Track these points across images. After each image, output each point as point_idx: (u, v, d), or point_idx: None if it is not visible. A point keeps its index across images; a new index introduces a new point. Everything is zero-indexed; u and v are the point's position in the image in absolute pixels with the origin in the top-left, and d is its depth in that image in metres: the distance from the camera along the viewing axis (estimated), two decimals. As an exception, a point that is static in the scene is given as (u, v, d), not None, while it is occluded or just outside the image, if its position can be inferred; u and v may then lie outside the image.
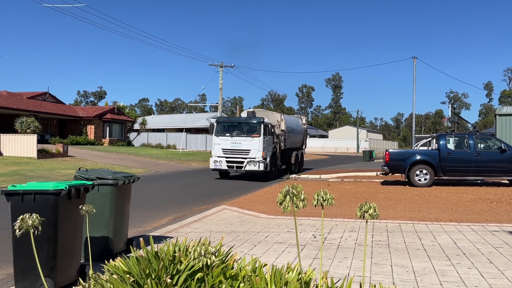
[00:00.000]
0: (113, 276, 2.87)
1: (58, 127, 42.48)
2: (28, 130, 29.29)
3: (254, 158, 18.57)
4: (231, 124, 19.84)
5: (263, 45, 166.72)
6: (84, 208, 3.67)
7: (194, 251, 2.12)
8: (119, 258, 3.11)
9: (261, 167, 18.60)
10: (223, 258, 3.13)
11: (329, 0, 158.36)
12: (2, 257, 6.06)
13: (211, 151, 19.81)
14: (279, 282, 2.49)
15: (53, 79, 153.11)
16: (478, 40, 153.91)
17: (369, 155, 38.21)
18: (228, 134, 19.17)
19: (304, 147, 26.61)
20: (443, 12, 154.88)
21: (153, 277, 2.67)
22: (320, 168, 27.77)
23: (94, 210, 3.68)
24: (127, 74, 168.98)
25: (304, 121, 26.94)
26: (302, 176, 20.58)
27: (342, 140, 79.96)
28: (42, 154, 26.70)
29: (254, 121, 18.98)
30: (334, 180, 18.84)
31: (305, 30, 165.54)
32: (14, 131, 29.53)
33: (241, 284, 2.67)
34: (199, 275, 2.80)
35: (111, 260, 3.39)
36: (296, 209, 2.05)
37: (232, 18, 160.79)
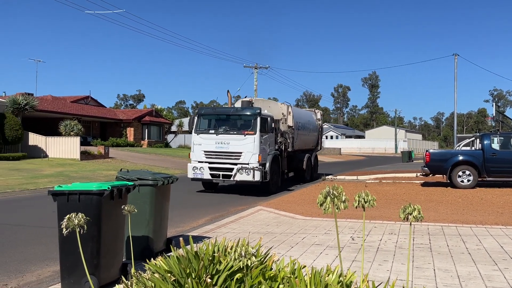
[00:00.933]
0: (154, 275, 2.93)
1: (99, 129, 43.97)
2: (71, 133, 30.48)
3: (247, 164, 13.43)
4: (216, 118, 14.65)
5: (297, 45, 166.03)
6: (126, 208, 3.77)
7: (234, 251, 2.13)
8: (160, 257, 3.17)
9: (257, 177, 13.36)
10: (262, 259, 3.12)
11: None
12: (49, 254, 6.33)
13: (189, 154, 14.63)
14: (319, 284, 2.46)
15: (94, 84, 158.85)
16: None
17: (408, 156, 37.21)
18: (213, 131, 13.97)
19: (319, 148, 21.81)
20: (485, 8, 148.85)
21: (193, 276, 2.70)
22: (357, 169, 27.30)
23: (136, 210, 3.78)
24: (165, 77, 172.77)
25: (319, 116, 21.62)
26: (338, 177, 20.28)
27: (380, 141, 78.31)
28: (85, 155, 27.71)
29: (248, 113, 13.92)
30: (372, 181, 18.47)
31: (340, 29, 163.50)
32: (58, 133, 30.81)
33: (280, 286, 2.66)
34: (238, 275, 2.81)
35: (152, 259, 3.46)
36: (337, 210, 2.01)
37: (267, 19, 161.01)
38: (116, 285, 4.49)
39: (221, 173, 13.77)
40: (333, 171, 23.86)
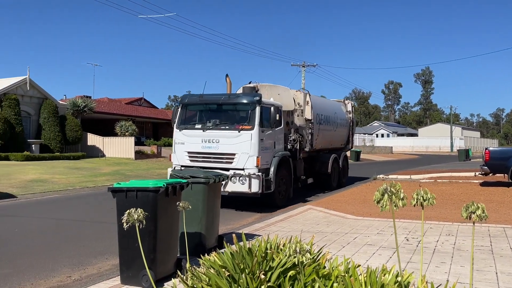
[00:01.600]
0: (209, 270, 3.00)
1: (152, 129, 45.55)
2: (126, 133, 31.78)
3: (242, 169, 10.15)
4: (204, 108, 11.28)
5: (346, 42, 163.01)
6: (181, 204, 3.88)
7: (288, 248, 2.13)
8: (214, 253, 3.24)
9: (254, 187, 9.96)
10: (315, 257, 3.11)
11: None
12: (109, 248, 6.64)
13: (170, 155, 11.65)
14: (375, 284, 2.41)
15: (146, 86, 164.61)
16: None
17: (465, 154, 35.47)
18: (199, 126, 10.77)
19: (349, 147, 18.05)
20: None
21: (247, 272, 2.73)
22: (410, 168, 26.40)
23: (190, 207, 3.88)
24: (213, 78, 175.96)
25: (349, 108, 17.81)
26: (390, 176, 19.70)
27: (434, 139, 75.19)
28: (139, 155, 28.81)
29: (244, 101, 10.60)
30: (426, 180, 17.78)
31: (390, 24, 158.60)
32: (114, 134, 32.23)
33: (335, 284, 2.63)
34: (291, 272, 2.81)
35: (206, 254, 3.54)
36: (395, 208, 1.96)
37: (315, 16, 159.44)
38: (172, 279, 4.65)
39: None
40: (384, 171, 23.19)
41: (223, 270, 2.88)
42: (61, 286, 4.98)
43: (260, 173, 10.00)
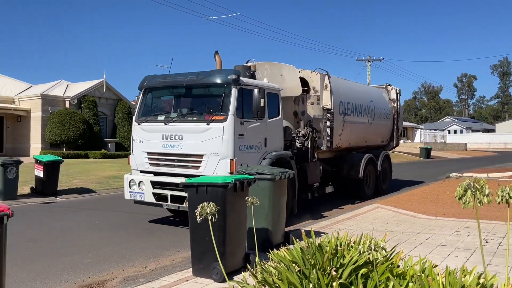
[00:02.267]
0: (279, 265, 3.02)
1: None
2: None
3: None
4: (169, 94, 8.68)
5: (414, 34, 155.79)
6: (249, 199, 3.95)
7: (362, 244, 2.09)
8: (283, 248, 3.26)
9: None
10: (387, 256, 3.02)
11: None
12: (180, 242, 6.93)
13: (128, 157, 8.64)
14: (455, 285, 2.29)
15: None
16: None
17: (550, 151, 32.41)
18: (162, 118, 8.14)
19: (393, 144, 14.29)
20: None
21: (318, 268, 2.72)
22: (486, 166, 24.68)
23: (259, 202, 3.93)
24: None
25: (393, 95, 14.07)
26: (465, 174, 18.54)
27: (514, 134, 69.61)
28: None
29: (216, 81, 7.68)
30: (506, 179, 16.52)
31: (463, 14, 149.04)
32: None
33: (410, 284, 2.54)
34: (363, 270, 2.76)
35: (275, 250, 3.57)
36: (479, 205, 1.85)
37: (380, 8, 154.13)
38: (242, 272, 4.75)
39: (169, 193, 7.55)
40: (458, 168, 21.87)
41: (293, 265, 2.89)
42: (138, 276, 5.27)
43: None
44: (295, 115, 9.98)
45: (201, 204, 3.07)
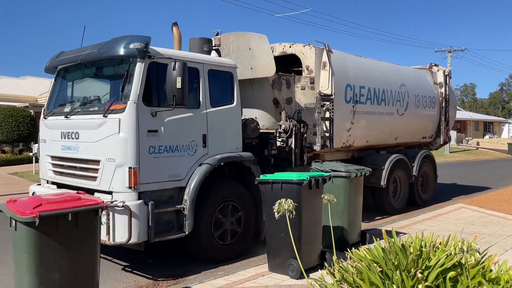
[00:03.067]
0: (358, 264, 2.95)
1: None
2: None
3: (108, 192, 5.12)
4: (74, 77, 6.28)
5: (499, 20, 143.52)
6: (325, 197, 3.90)
7: (454, 246, 1.97)
8: (363, 247, 3.18)
9: (119, 232, 4.84)
10: (478, 259, 2.82)
11: None
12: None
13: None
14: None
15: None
16: None
17: None
18: (68, 109, 5.95)
19: (440, 140, 11.07)
20: None
21: (402, 269, 2.61)
22: None
23: (335, 200, 3.87)
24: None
25: (440, 78, 10.99)
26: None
27: None
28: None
29: (116, 52, 5.23)
30: None
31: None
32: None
33: (506, 290, 2.35)
34: (451, 273, 2.60)
35: (348, 249, 3.50)
36: None
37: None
38: (319, 270, 4.72)
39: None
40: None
41: (375, 265, 2.81)
42: (218, 270, 5.43)
43: (139, 202, 4.88)
44: (275, 103, 7.23)
45: (279, 201, 3.09)
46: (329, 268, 3.31)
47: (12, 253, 3.45)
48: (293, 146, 6.96)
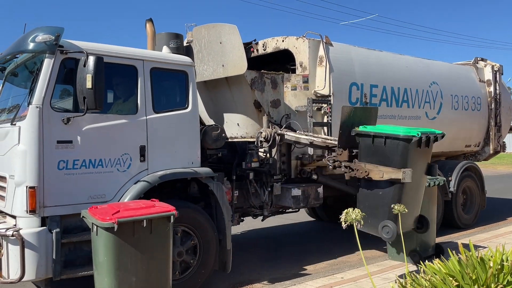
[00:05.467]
0: (432, 277, 2.82)
1: None
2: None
3: (12, 216, 4.21)
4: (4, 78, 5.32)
5: None
6: (396, 207, 3.73)
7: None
8: (437, 260, 3.03)
9: (13, 266, 3.97)
10: None
11: None
12: (323, 248, 6.94)
13: None
14: None
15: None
16: None
17: None
18: None
19: (489, 149, 9.44)
20: None
21: (480, 284, 2.46)
22: None
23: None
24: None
25: (487, 75, 9.41)
26: None
27: None
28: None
29: (24, 47, 4.31)
30: None
31: None
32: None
33: None
34: (537, 291, 2.40)
35: (426, 261, 3.35)
36: None
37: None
38: (399, 278, 4.53)
39: None
40: None
41: (450, 279, 2.66)
42: (348, 261, 5.62)
43: (36, 230, 4.04)
44: (257, 106, 6.14)
45: (346, 210, 3.04)
46: (400, 280, 3.19)
47: (93, 256, 3.71)
48: (276, 157, 5.97)
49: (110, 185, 4.45)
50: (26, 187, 4.00)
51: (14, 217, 4.14)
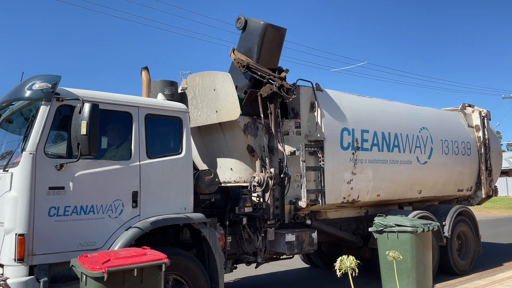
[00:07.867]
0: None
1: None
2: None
3: (1, 266, 4.18)
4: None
5: None
6: (390, 254, 3.73)
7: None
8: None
9: None
10: None
11: None
12: None
13: None
14: None
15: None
16: None
17: None
18: None
19: (481, 193, 9.45)
20: None
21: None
22: None
23: (401, 257, 3.69)
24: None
25: (475, 120, 9.63)
26: None
27: None
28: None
29: (20, 95, 4.47)
30: None
31: None
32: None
33: None
34: None
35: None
36: None
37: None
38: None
39: None
40: None
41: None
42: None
43: (24, 280, 3.97)
44: (250, 151, 6.22)
45: (340, 258, 3.01)
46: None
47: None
48: (270, 201, 5.92)
49: (101, 232, 4.39)
50: (15, 234, 3.94)
51: (1, 265, 4.07)
